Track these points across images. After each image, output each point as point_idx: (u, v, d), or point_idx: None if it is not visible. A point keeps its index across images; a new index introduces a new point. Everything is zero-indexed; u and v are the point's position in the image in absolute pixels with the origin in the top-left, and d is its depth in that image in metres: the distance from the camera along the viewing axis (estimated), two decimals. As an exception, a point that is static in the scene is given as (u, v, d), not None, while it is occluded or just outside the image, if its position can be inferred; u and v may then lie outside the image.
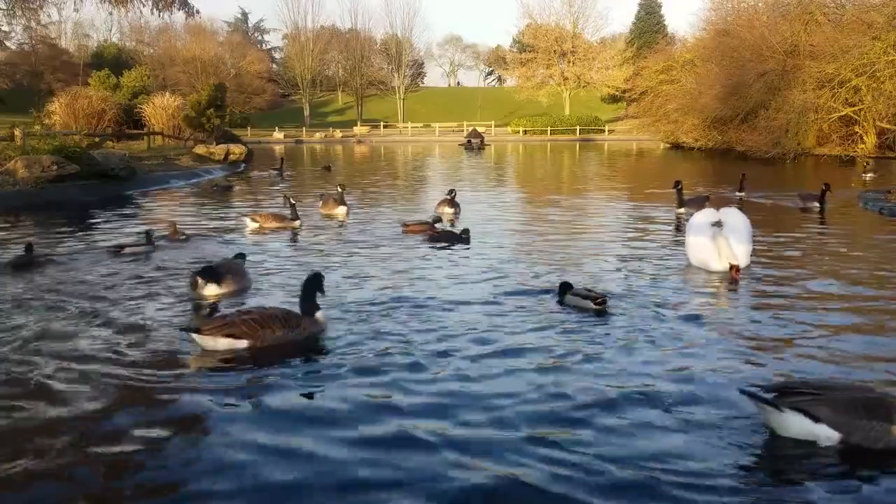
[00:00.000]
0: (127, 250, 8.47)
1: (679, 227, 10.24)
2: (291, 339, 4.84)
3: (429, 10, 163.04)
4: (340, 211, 12.09)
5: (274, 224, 10.63)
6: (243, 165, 27.08)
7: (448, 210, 11.78)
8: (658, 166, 30.37)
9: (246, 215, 11.02)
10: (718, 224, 7.37)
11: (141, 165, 21.07)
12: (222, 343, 4.69)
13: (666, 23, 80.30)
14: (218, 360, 4.63)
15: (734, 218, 7.49)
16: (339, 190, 13.00)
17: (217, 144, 27.60)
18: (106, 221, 11.84)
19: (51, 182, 15.46)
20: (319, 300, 5.23)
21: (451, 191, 12.46)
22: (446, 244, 8.94)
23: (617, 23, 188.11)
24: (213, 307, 5.95)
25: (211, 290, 6.28)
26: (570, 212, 12.70)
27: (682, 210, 11.56)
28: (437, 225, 10.05)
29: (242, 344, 4.71)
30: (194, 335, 4.71)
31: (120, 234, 10.23)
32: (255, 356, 4.66)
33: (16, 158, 15.84)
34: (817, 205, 12.63)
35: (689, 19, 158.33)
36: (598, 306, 5.67)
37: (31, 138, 19.87)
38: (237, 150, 27.96)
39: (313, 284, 5.21)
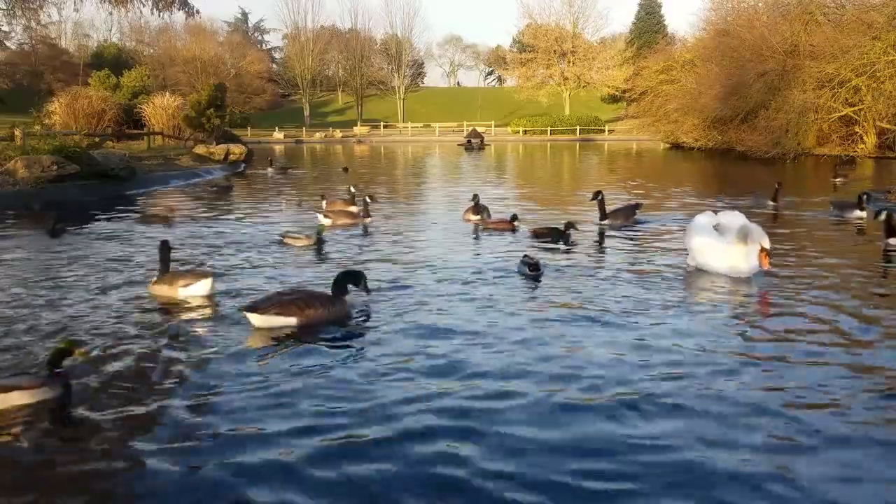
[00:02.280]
0: (286, 239, 9.00)
1: (602, 241, 9.37)
2: (329, 318, 5.43)
3: (429, 10, 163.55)
4: (354, 212, 11.52)
5: (346, 221, 10.88)
6: (243, 165, 27.09)
7: (474, 217, 10.96)
8: (659, 166, 30.38)
9: (319, 211, 11.41)
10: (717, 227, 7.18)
11: (141, 165, 21.07)
12: (276, 321, 5.23)
13: (666, 23, 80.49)
14: (269, 335, 5.14)
15: (738, 220, 7.16)
16: (352, 190, 12.96)
17: (217, 144, 27.60)
18: (107, 220, 11.84)
19: (51, 182, 15.47)
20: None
21: (475, 196, 11.56)
22: (549, 241, 9.16)
23: (617, 23, 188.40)
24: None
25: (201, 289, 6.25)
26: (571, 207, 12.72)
27: (605, 221, 10.50)
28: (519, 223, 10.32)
29: (292, 321, 5.25)
30: (251, 314, 5.23)
31: (121, 234, 10.23)
32: (299, 331, 5.24)
33: (16, 158, 15.84)
34: (859, 213, 11.29)
35: (689, 19, 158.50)
36: (531, 272, 6.99)
37: (31, 138, 19.88)
38: (237, 150, 27.96)
39: (348, 278, 5.78)
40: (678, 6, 75.77)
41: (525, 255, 7.42)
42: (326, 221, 10.80)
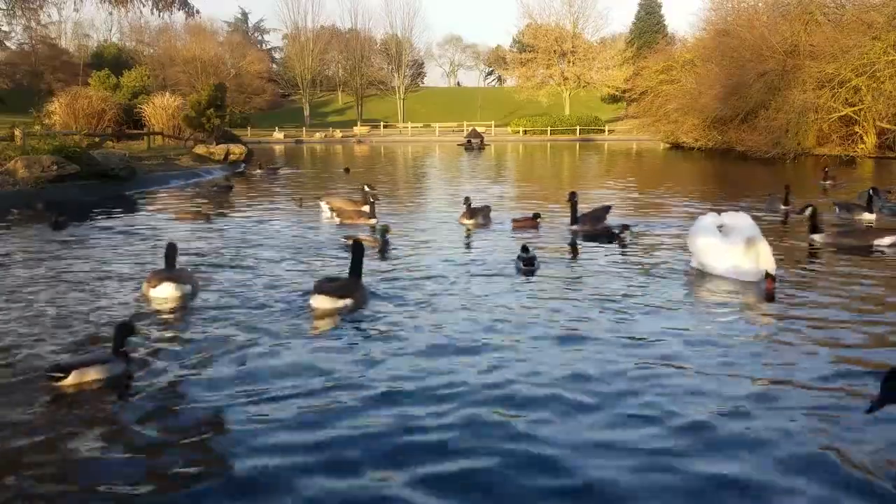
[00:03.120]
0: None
1: (576, 249, 8.90)
2: (366, 299, 6.10)
3: (429, 10, 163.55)
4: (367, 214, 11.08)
5: (350, 219, 10.87)
6: (243, 165, 27.07)
7: (468, 221, 10.62)
8: (659, 166, 30.39)
9: (323, 199, 11.49)
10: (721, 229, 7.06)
11: (141, 165, 21.07)
12: (339, 302, 5.77)
13: (666, 23, 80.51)
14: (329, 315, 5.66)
15: (743, 221, 6.99)
16: (367, 189, 12.78)
17: (217, 144, 27.60)
18: (108, 219, 11.84)
19: (51, 182, 15.47)
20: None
21: (467, 199, 11.24)
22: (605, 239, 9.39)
23: (617, 23, 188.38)
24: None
25: (164, 292, 6.22)
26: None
27: (575, 227, 10.03)
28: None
29: (348, 302, 5.80)
30: (318, 295, 5.77)
31: (121, 234, 10.24)
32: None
33: (16, 158, 15.84)
34: (868, 216, 10.81)
35: (689, 19, 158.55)
36: (525, 266, 7.20)
37: (31, 138, 19.88)
38: (237, 150, 27.96)
39: (359, 252, 6.31)
40: (678, 6, 75.88)
41: (521, 251, 7.60)
42: (333, 216, 10.89)
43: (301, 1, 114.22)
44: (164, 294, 6.16)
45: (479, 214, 10.75)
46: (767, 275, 6.34)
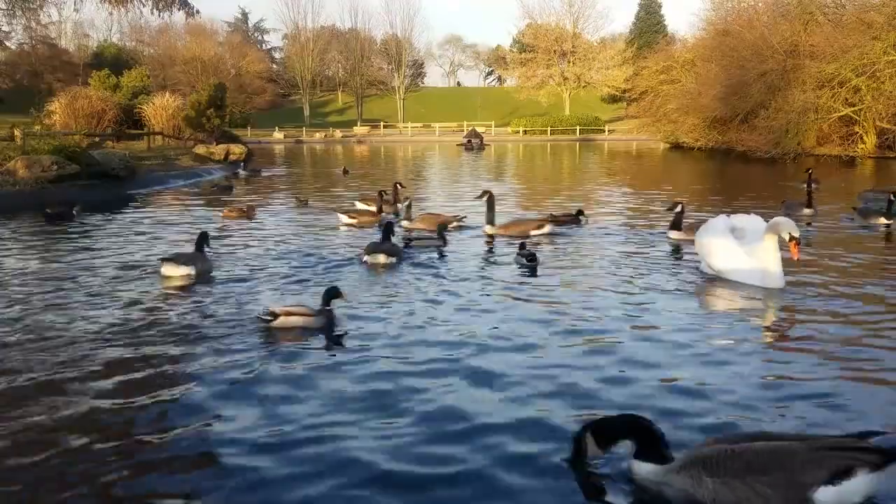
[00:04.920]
0: (415, 242, 8.94)
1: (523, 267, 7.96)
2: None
3: (429, 10, 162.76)
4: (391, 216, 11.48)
5: (368, 218, 11.02)
6: (243, 165, 27.06)
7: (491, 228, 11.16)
8: (660, 166, 30.38)
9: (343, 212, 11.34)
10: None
11: (141, 165, 21.05)
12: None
13: (666, 23, 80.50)
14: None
15: (756, 224, 6.81)
16: (400, 188, 13.01)
17: (217, 144, 27.59)
18: (108, 221, 11.85)
19: (51, 182, 15.45)
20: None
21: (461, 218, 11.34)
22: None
23: (617, 23, 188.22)
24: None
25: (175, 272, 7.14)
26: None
27: (488, 227, 9.79)
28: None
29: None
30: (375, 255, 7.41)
31: (120, 234, 10.25)
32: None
33: (16, 158, 15.84)
34: (885, 220, 10.36)
35: (689, 19, 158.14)
36: (529, 262, 7.41)
37: (31, 138, 19.88)
38: (237, 150, 27.97)
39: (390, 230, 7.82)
40: (678, 6, 75.75)
41: (521, 247, 7.88)
42: (350, 220, 10.93)
43: (301, 1, 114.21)
44: (170, 273, 7.08)
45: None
46: (791, 237, 6.18)
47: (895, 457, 2.80)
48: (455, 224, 10.25)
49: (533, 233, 9.57)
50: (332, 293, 5.45)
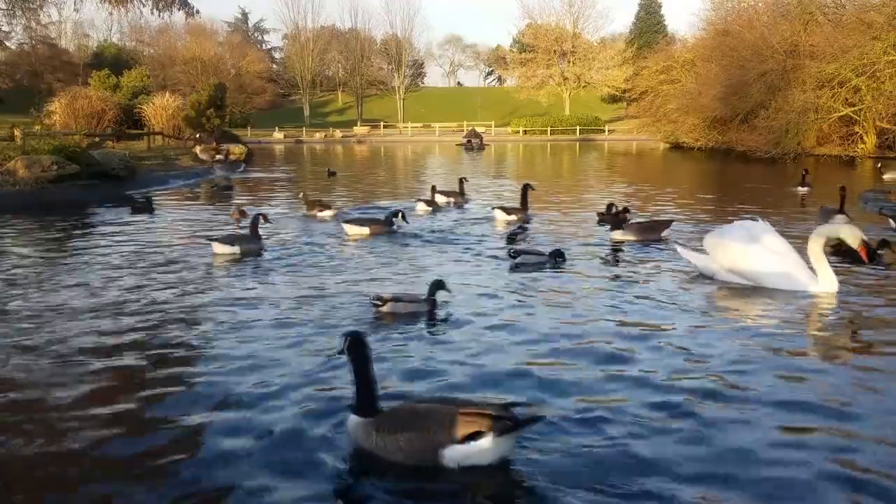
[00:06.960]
0: (520, 258, 7.86)
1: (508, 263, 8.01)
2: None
3: (429, 10, 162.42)
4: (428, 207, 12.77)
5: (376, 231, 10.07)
6: (243, 165, 27.10)
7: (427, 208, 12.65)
8: (660, 166, 30.38)
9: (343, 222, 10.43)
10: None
11: (141, 165, 21.05)
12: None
13: (666, 23, 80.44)
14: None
15: (772, 237, 6.62)
16: (464, 182, 14.29)
17: (217, 144, 27.60)
18: (107, 223, 11.85)
19: (51, 182, 15.44)
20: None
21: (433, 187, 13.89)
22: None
23: (617, 23, 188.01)
24: None
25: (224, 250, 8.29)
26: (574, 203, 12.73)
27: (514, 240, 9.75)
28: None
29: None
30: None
31: (122, 234, 10.24)
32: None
33: (16, 158, 15.83)
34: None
35: (689, 19, 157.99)
36: (559, 260, 7.60)
37: (31, 138, 19.88)
38: (237, 150, 27.99)
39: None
40: (678, 6, 75.67)
41: (555, 250, 7.91)
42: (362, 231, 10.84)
43: (301, 1, 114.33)
44: (219, 251, 8.27)
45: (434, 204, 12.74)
46: (862, 242, 6.36)
47: (519, 426, 3.14)
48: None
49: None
50: (438, 285, 5.86)
